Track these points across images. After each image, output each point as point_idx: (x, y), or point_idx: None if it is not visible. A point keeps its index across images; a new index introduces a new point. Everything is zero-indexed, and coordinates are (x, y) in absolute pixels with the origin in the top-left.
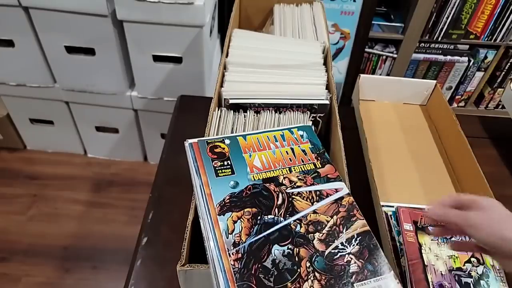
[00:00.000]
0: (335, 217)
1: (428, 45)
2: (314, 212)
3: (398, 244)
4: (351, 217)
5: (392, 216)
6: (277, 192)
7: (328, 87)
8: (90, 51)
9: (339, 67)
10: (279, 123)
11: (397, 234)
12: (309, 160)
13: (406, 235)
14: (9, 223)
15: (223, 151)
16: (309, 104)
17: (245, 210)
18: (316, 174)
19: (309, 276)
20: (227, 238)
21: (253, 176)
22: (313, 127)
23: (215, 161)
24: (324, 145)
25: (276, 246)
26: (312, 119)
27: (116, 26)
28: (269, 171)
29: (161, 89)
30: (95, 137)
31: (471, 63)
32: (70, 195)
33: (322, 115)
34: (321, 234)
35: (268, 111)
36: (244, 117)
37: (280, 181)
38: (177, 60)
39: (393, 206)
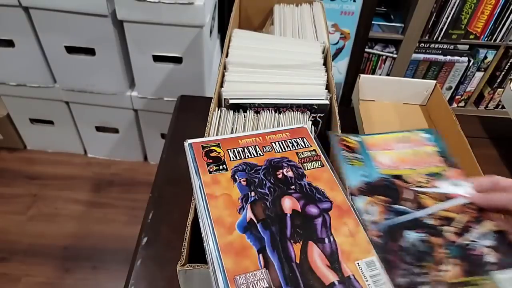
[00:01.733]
0: (465, 215)
1: (428, 45)
2: (443, 210)
3: None
4: (482, 219)
5: None
6: (405, 188)
7: (328, 87)
8: (90, 51)
9: (339, 67)
10: (279, 123)
11: None
12: (434, 162)
13: None
14: (9, 223)
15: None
16: (309, 104)
17: (378, 196)
18: (441, 176)
19: (445, 262)
20: (362, 216)
21: (381, 171)
22: (312, 127)
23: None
24: (324, 146)
25: (409, 232)
26: (312, 119)
27: (116, 26)
28: (395, 168)
29: (161, 89)
30: (95, 137)
31: (471, 63)
32: (70, 195)
33: (322, 115)
34: (453, 228)
35: (268, 111)
36: (244, 117)
37: (406, 180)
38: (177, 60)
39: None
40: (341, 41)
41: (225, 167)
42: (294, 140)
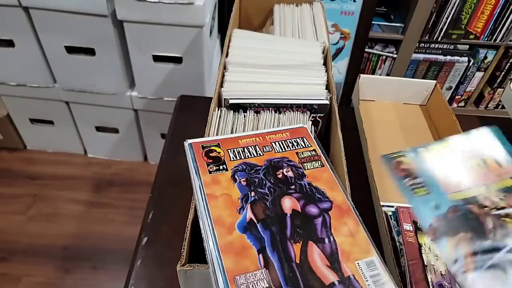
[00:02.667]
0: None
1: (428, 45)
2: None
3: (398, 244)
4: None
5: (392, 216)
6: (483, 215)
7: (328, 87)
8: (90, 51)
9: (339, 67)
10: (279, 123)
11: (397, 234)
12: (507, 173)
13: (406, 235)
14: (9, 223)
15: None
16: (309, 104)
17: (460, 234)
18: None
19: None
20: (452, 269)
21: (450, 196)
22: (313, 127)
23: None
24: (324, 146)
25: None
26: (312, 119)
27: (116, 26)
28: (466, 189)
29: (161, 89)
30: (95, 137)
31: (471, 63)
32: (70, 195)
33: (322, 115)
34: None
35: (268, 111)
36: (244, 117)
37: (481, 202)
38: (177, 60)
39: (393, 206)
40: (341, 41)
41: (225, 167)
42: (294, 140)
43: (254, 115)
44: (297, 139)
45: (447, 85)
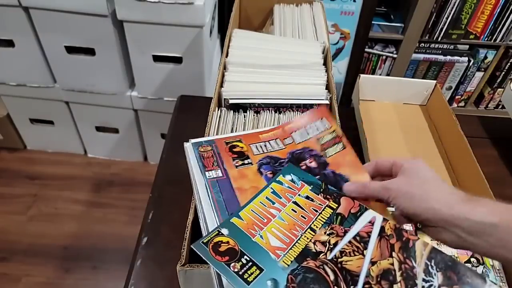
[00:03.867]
0: (394, 254)
1: (428, 45)
2: (372, 263)
3: None
4: (407, 244)
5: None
6: (321, 267)
7: (328, 87)
8: (90, 51)
9: (339, 67)
10: (279, 123)
11: None
12: (321, 205)
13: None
14: (9, 223)
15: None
16: (309, 104)
17: None
18: (339, 217)
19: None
20: None
21: (283, 262)
22: None
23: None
24: None
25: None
26: None
27: (116, 26)
28: (294, 245)
29: (161, 89)
30: (95, 137)
31: (471, 63)
32: (70, 195)
33: None
34: (399, 284)
35: (268, 111)
36: (244, 117)
37: (313, 250)
38: (177, 60)
39: (393, 206)
40: (341, 41)
41: (250, 161)
42: (314, 125)
43: (254, 115)
44: (316, 123)
45: (447, 85)
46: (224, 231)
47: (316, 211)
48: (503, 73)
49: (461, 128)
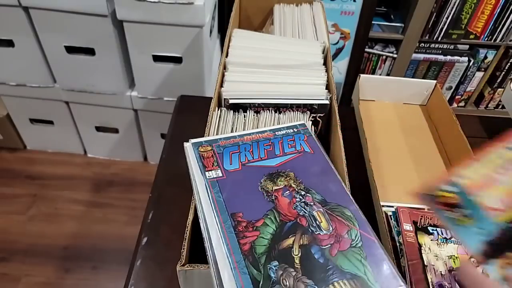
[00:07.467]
0: None
1: (428, 45)
2: None
3: (398, 244)
4: None
5: (392, 216)
6: None
7: (328, 87)
8: (90, 51)
9: (339, 67)
10: (279, 123)
11: (397, 235)
12: None
13: (405, 235)
14: (9, 223)
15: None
16: (309, 104)
17: (509, 253)
18: None
19: None
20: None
21: (496, 219)
22: (312, 127)
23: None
24: (324, 145)
25: None
26: (312, 119)
27: (116, 26)
28: (510, 210)
29: (161, 89)
30: (95, 137)
31: (471, 63)
32: (70, 195)
33: (322, 115)
34: None
35: (268, 111)
36: (244, 117)
37: None
38: (177, 60)
39: (393, 206)
40: (341, 41)
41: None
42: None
43: (254, 115)
44: None
45: (447, 85)
46: (455, 188)
47: None
48: (503, 73)
49: (461, 128)
